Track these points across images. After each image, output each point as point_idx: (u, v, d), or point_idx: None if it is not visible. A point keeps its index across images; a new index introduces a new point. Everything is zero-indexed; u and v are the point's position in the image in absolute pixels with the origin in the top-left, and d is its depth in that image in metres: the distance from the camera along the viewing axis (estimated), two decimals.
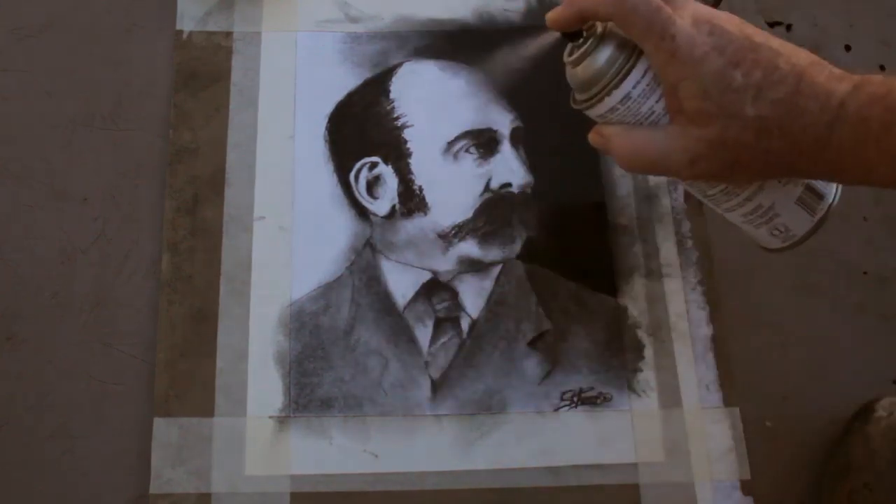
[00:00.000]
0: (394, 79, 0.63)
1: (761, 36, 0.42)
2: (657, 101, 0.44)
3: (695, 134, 0.42)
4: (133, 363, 0.56)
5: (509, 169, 0.60)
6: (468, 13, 0.65)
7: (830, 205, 0.47)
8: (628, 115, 0.45)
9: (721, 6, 0.66)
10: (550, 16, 0.46)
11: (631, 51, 0.44)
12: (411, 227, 0.59)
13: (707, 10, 0.43)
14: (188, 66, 0.63)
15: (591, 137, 0.47)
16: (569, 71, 0.47)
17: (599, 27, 0.46)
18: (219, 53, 0.63)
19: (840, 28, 0.66)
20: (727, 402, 0.55)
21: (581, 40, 0.46)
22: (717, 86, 0.41)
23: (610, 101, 0.45)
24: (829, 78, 0.41)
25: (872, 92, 0.39)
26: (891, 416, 0.51)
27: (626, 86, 0.44)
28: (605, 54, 0.45)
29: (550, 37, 0.52)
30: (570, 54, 0.47)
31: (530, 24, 0.65)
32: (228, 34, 0.64)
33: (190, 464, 0.53)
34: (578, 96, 0.47)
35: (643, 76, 0.44)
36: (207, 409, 0.54)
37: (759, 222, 0.48)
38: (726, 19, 0.43)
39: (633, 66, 0.44)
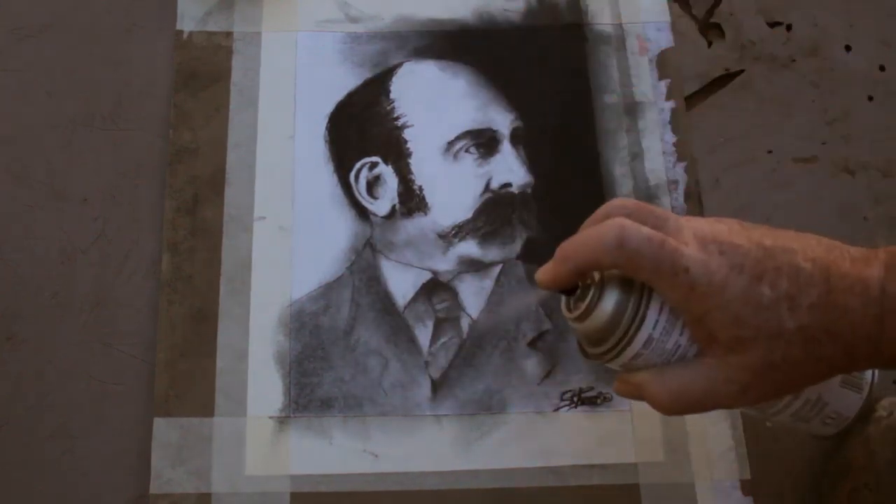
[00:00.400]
0: (394, 79, 0.63)
1: (768, 237, 0.39)
2: (680, 335, 0.40)
3: (737, 363, 0.38)
4: (133, 363, 0.56)
5: (509, 169, 0.60)
6: (468, 13, 0.65)
7: (873, 374, 0.46)
8: (654, 356, 0.41)
9: (721, 6, 0.66)
10: (542, 277, 0.42)
11: (640, 290, 0.40)
12: (411, 227, 0.59)
13: (707, 226, 0.40)
14: (188, 66, 0.63)
15: (619, 389, 0.43)
16: (574, 326, 0.43)
17: (596, 274, 0.42)
18: (219, 53, 0.63)
19: (840, 28, 0.66)
20: None
21: (579, 292, 0.42)
22: (747, 308, 0.37)
23: (631, 351, 0.41)
24: (854, 264, 0.38)
25: None
26: (891, 416, 0.51)
27: (646, 330, 0.40)
28: (611, 302, 0.41)
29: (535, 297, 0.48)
30: (571, 309, 0.43)
31: (531, 24, 0.65)
32: (228, 34, 0.64)
33: (190, 464, 0.53)
34: (592, 350, 0.43)
35: (660, 314, 0.40)
36: (207, 409, 0.54)
37: (809, 416, 0.46)
38: (729, 231, 0.39)
39: (647, 307, 0.40)
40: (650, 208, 0.41)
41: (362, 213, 0.59)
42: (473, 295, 0.57)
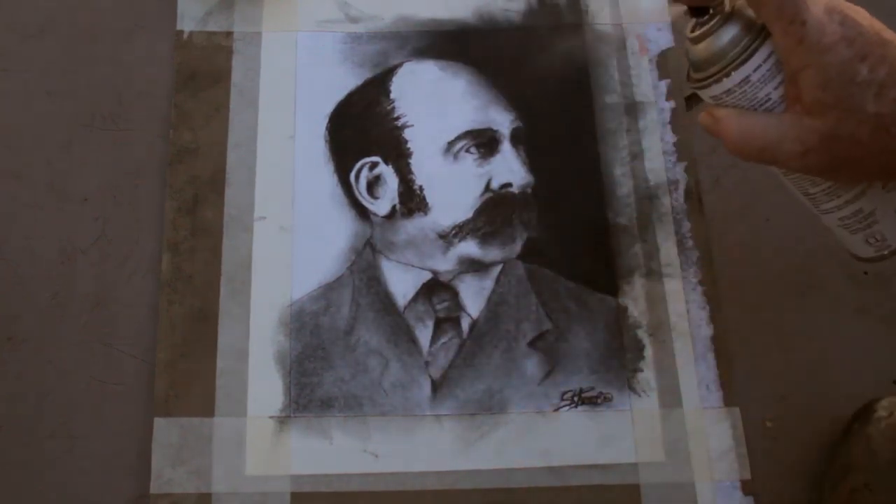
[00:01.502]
0: (394, 79, 0.63)
1: (889, 33, 0.41)
2: (775, 88, 0.43)
3: (810, 125, 0.41)
4: (133, 363, 0.56)
5: (509, 169, 0.60)
6: (468, 13, 0.65)
7: None
8: (744, 99, 0.44)
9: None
10: None
11: (756, 33, 0.43)
12: (411, 227, 0.59)
13: (841, 1, 0.41)
14: (188, 66, 0.63)
15: (702, 118, 0.46)
16: (689, 47, 0.46)
17: (728, 5, 0.44)
18: (219, 54, 0.63)
19: None
20: (727, 402, 0.55)
21: (706, 17, 0.44)
22: (840, 78, 0.40)
23: (728, 83, 0.44)
24: None
25: None
26: (891, 416, 0.51)
27: (748, 68, 0.43)
28: (729, 34, 0.43)
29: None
30: (693, 31, 0.45)
31: (531, 24, 0.65)
32: (229, 34, 0.64)
33: (190, 464, 0.53)
34: (695, 74, 0.45)
35: (765, 60, 0.43)
36: (208, 409, 0.54)
37: (856, 228, 0.47)
38: (859, 11, 0.41)
39: (756, 49, 0.43)
40: None
41: (362, 213, 0.59)
42: (473, 295, 0.57)
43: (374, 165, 0.60)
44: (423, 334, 0.56)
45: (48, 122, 0.61)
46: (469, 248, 0.58)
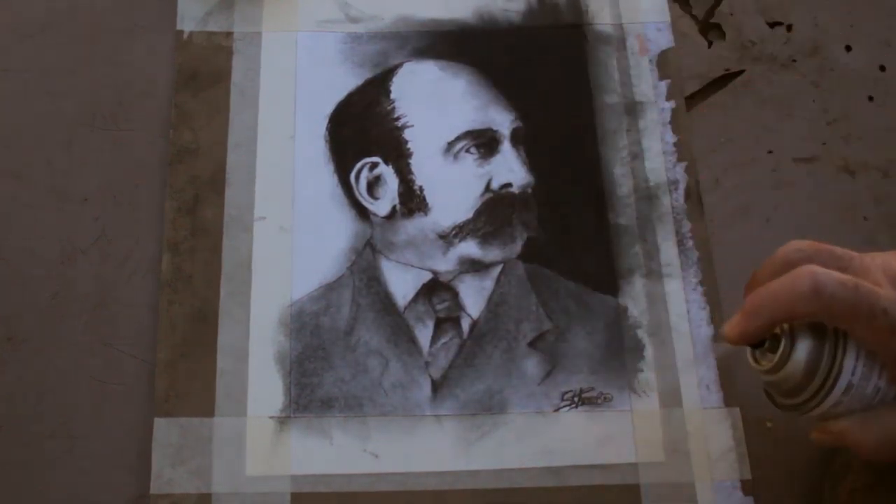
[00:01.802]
0: (394, 79, 0.63)
1: None
2: (879, 378, 0.40)
3: None
4: (133, 363, 0.56)
5: (510, 169, 0.60)
6: (468, 13, 0.65)
7: None
8: (854, 403, 0.41)
9: (721, 6, 0.66)
10: (731, 332, 0.41)
11: (833, 337, 0.40)
12: (412, 227, 0.59)
13: (890, 259, 0.40)
14: (189, 66, 0.63)
15: (819, 438, 0.43)
16: (766, 379, 0.43)
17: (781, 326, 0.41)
18: (219, 54, 0.63)
19: (840, 28, 0.66)
20: (727, 402, 0.55)
21: (767, 343, 0.41)
22: None
23: (831, 400, 0.40)
24: None
25: None
26: None
27: (845, 377, 0.40)
28: (805, 351, 0.40)
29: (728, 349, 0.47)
30: (759, 361, 0.42)
31: (531, 24, 0.65)
32: (229, 34, 0.64)
33: (190, 464, 0.53)
34: (787, 401, 0.43)
35: (857, 359, 0.40)
36: (208, 409, 0.54)
37: None
38: None
39: (844, 354, 0.40)
40: (829, 249, 0.40)
41: (362, 213, 0.59)
42: (474, 295, 0.57)
43: (374, 166, 0.60)
44: (423, 334, 0.56)
45: (48, 122, 0.61)
46: (469, 248, 0.58)
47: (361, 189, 0.60)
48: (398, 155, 0.60)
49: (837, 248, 0.41)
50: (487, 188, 0.59)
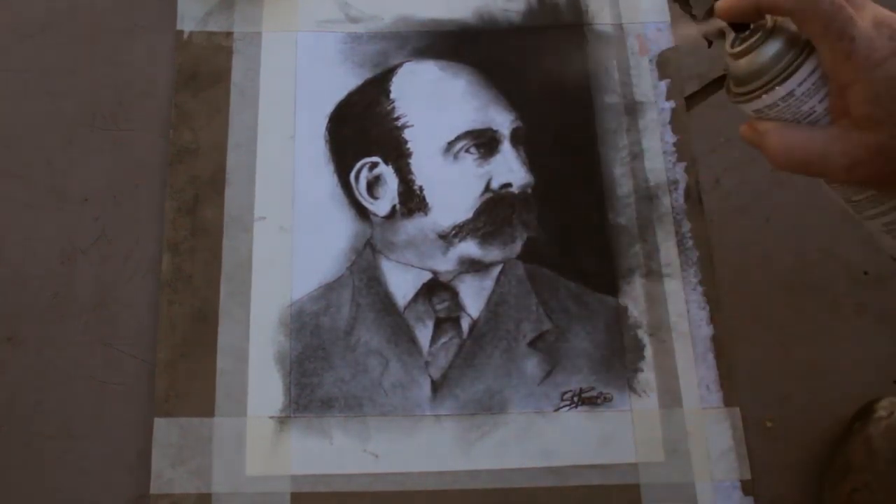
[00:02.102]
0: (394, 79, 0.63)
1: None
2: (819, 102, 0.43)
3: (858, 139, 0.40)
4: (133, 363, 0.56)
5: (509, 169, 0.60)
6: (468, 13, 0.65)
7: None
8: (787, 113, 0.43)
9: None
10: (721, 5, 0.44)
11: (801, 48, 0.42)
12: (411, 227, 0.59)
13: (888, 13, 0.41)
14: (189, 66, 0.63)
15: (744, 132, 0.45)
16: (729, 62, 0.45)
17: (770, 20, 0.44)
18: (219, 54, 0.63)
19: None
20: (727, 402, 0.55)
21: (748, 32, 0.44)
22: (890, 92, 0.39)
23: (771, 98, 0.43)
24: None
25: None
26: (891, 416, 0.51)
27: (792, 83, 0.43)
28: (772, 49, 0.43)
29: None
30: (734, 46, 0.45)
31: (531, 24, 0.65)
32: (229, 34, 0.64)
33: (190, 464, 0.53)
34: (736, 88, 0.45)
35: (810, 75, 0.42)
36: (208, 409, 0.54)
37: None
38: None
39: (801, 64, 0.42)
40: None
41: (362, 213, 0.59)
42: (473, 295, 0.57)
43: (374, 165, 0.60)
44: (423, 334, 0.56)
45: (48, 122, 0.61)
46: (469, 248, 0.58)
47: (361, 189, 0.60)
48: (398, 155, 0.61)
49: None
50: (487, 188, 0.59)
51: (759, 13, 0.43)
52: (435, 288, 0.57)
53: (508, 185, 0.60)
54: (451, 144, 0.60)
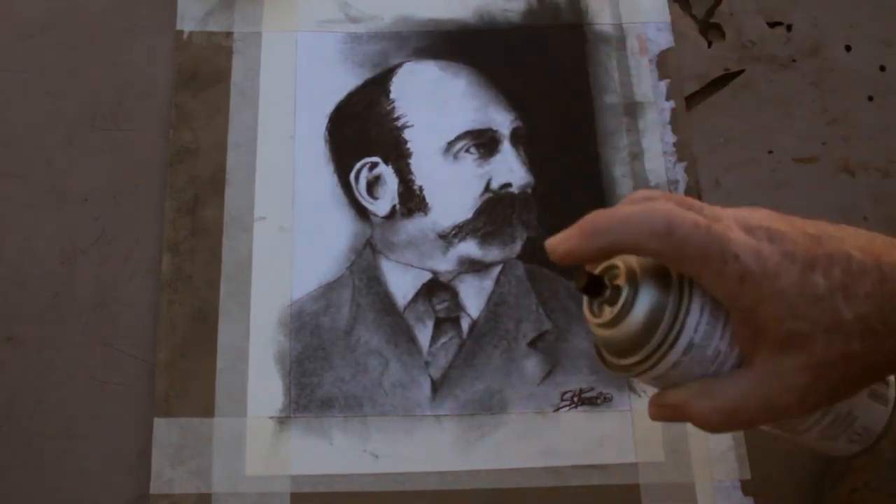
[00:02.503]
0: (394, 79, 0.63)
1: (809, 225, 0.36)
2: (721, 339, 0.36)
3: (792, 365, 0.35)
4: (133, 363, 0.56)
5: (509, 169, 0.60)
6: (468, 13, 0.65)
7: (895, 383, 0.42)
8: (692, 367, 0.36)
9: (721, 6, 0.66)
10: (556, 244, 0.36)
11: (678, 288, 0.35)
12: (411, 227, 0.59)
13: (747, 213, 0.36)
14: (189, 66, 0.63)
15: (656, 413, 0.39)
16: (600, 335, 0.37)
17: (622, 267, 0.36)
18: (219, 54, 0.63)
19: (840, 28, 0.66)
20: None
21: (608, 292, 0.36)
22: (802, 299, 0.34)
23: (670, 360, 0.36)
24: (892, 247, 0.36)
25: None
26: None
27: (687, 334, 0.35)
28: (648, 301, 0.35)
29: None
30: (597, 313, 0.37)
31: (531, 24, 0.65)
32: (229, 34, 0.64)
33: (190, 464, 0.53)
34: (620, 361, 0.37)
35: (701, 314, 0.35)
36: (207, 409, 0.54)
37: (837, 433, 0.41)
38: (769, 217, 0.36)
39: (689, 308, 0.35)
40: (680, 196, 0.37)
41: (362, 213, 0.59)
42: (473, 295, 0.57)
43: (373, 166, 0.60)
44: (423, 334, 0.56)
45: (48, 122, 0.61)
46: (469, 248, 0.58)
47: (361, 189, 0.60)
48: (398, 155, 0.60)
49: (689, 197, 0.38)
50: (487, 188, 0.59)
51: (607, 257, 0.37)
52: (435, 288, 0.57)
53: (508, 185, 0.60)
54: (450, 144, 0.60)
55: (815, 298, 0.34)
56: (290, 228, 0.59)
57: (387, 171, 0.60)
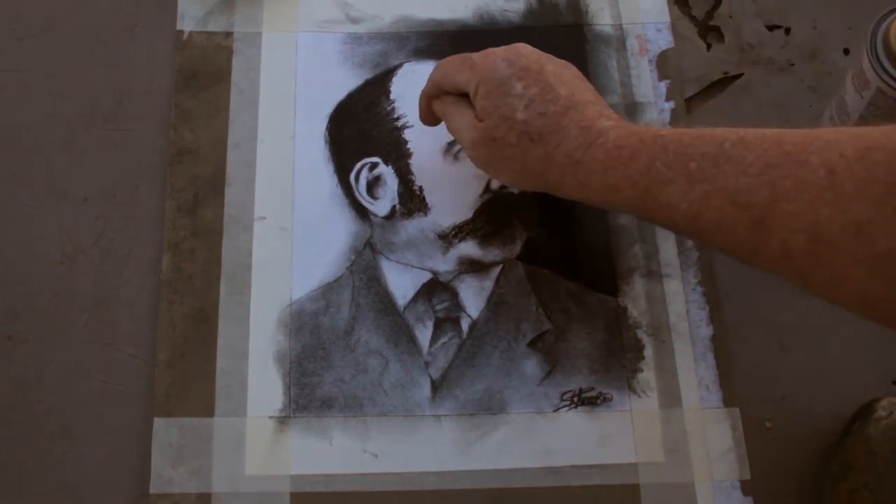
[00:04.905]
0: (394, 79, 0.63)
1: (567, 73, 0.51)
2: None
3: (477, 124, 0.50)
4: (133, 363, 0.56)
5: None
6: (468, 13, 0.66)
7: None
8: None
9: (721, 8, 0.66)
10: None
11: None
12: (411, 227, 0.59)
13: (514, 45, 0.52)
14: (189, 66, 0.63)
15: (435, 104, 0.55)
16: None
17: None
18: (219, 54, 0.63)
19: (839, 32, 0.66)
20: (727, 402, 0.55)
21: None
22: (498, 90, 0.49)
23: None
24: (599, 115, 0.48)
25: (632, 128, 0.47)
26: (891, 416, 0.51)
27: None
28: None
29: None
30: None
31: (530, 24, 0.65)
32: (229, 34, 0.64)
33: (190, 464, 0.53)
34: None
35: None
36: (207, 409, 0.54)
37: None
38: (528, 51, 0.51)
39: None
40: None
41: (362, 213, 0.59)
42: (473, 295, 0.57)
43: (374, 166, 0.60)
44: (423, 334, 0.56)
45: (48, 122, 0.61)
46: (469, 248, 0.58)
47: (361, 189, 0.60)
48: (398, 155, 0.61)
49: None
50: (487, 188, 0.59)
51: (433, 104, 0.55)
52: (435, 288, 0.57)
53: None
54: (451, 145, 0.60)
55: (507, 94, 0.49)
56: (290, 228, 0.59)
57: (387, 172, 0.60)
